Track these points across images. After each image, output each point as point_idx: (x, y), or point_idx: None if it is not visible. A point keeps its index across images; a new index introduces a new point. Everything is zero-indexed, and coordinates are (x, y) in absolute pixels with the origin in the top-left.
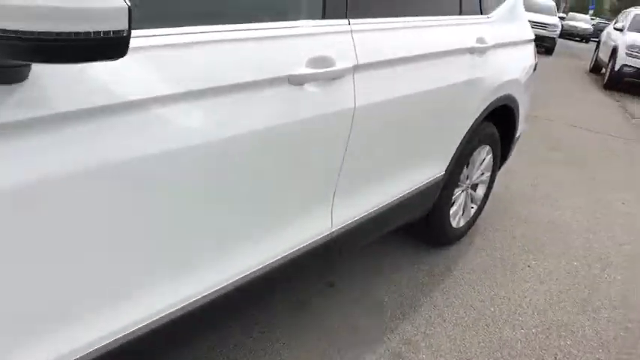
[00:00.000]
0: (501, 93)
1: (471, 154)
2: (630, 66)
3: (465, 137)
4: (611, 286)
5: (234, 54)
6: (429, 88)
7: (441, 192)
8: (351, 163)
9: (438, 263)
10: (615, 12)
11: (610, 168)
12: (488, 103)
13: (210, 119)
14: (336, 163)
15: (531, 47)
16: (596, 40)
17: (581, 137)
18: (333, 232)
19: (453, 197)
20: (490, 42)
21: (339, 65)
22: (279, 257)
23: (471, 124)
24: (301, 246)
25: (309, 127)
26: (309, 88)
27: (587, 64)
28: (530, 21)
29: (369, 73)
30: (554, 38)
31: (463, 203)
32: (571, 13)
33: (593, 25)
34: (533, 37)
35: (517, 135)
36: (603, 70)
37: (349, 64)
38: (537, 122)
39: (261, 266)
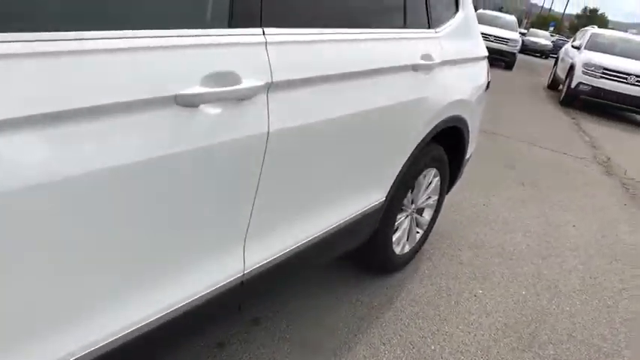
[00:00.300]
0: (449, 114)
1: (415, 177)
2: (586, 84)
3: (407, 161)
4: (558, 319)
5: (93, 68)
6: (362, 110)
7: (381, 219)
8: (266, 196)
9: (379, 293)
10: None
11: (563, 188)
12: (434, 125)
13: (65, 151)
14: (246, 196)
15: (484, 65)
16: (555, 56)
17: (537, 155)
18: (245, 274)
19: (396, 223)
20: (437, 59)
21: (247, 83)
22: (177, 306)
23: (414, 147)
24: (204, 293)
25: (207, 156)
26: (207, 110)
27: (546, 80)
28: (491, 35)
29: (287, 92)
30: (514, 53)
31: (407, 229)
32: (532, 29)
33: (552, 41)
34: (486, 54)
35: (467, 157)
36: (561, 86)
37: (261, 81)
38: (493, 138)
39: (156, 317)
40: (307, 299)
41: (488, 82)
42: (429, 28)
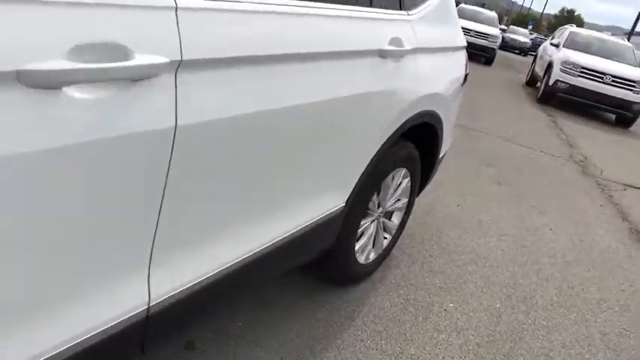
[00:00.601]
0: (421, 109)
1: (382, 179)
2: (564, 82)
3: (372, 162)
4: (535, 337)
5: None
6: (312, 101)
7: (341, 227)
8: (177, 208)
9: (339, 308)
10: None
11: (540, 188)
12: (403, 121)
13: None
14: (147, 209)
15: (462, 56)
16: (534, 53)
17: (514, 152)
18: (150, 306)
19: (360, 230)
20: (409, 45)
21: (142, 59)
22: (65, 347)
23: (379, 146)
24: (92, 333)
25: (73, 158)
26: (76, 93)
27: (524, 77)
28: (472, 30)
29: (204, 75)
30: (494, 49)
31: (373, 235)
32: (512, 27)
33: (531, 39)
34: (464, 43)
35: (441, 156)
36: (539, 83)
37: (164, 58)
38: (470, 134)
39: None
40: (256, 315)
41: (466, 75)
42: (400, 9)
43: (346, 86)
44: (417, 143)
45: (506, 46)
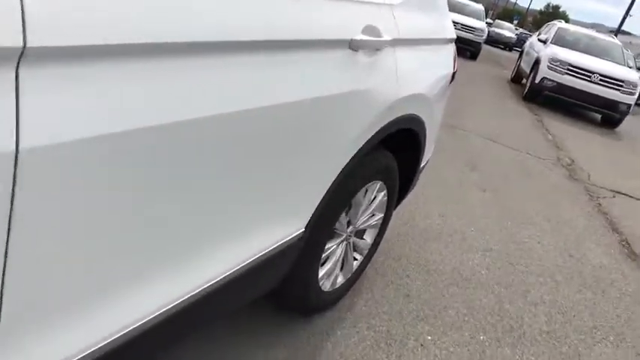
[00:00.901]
0: (401, 113)
1: (352, 195)
2: (550, 80)
3: (339, 178)
4: None
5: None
6: (255, 107)
7: (300, 254)
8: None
9: (298, 345)
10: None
11: (526, 195)
12: (379, 128)
13: None
14: None
15: (450, 50)
16: (519, 49)
17: (499, 154)
18: None
19: (325, 254)
20: (387, 35)
21: None
22: None
23: (348, 159)
24: None
25: None
26: None
27: (509, 72)
28: (458, 23)
29: (63, 69)
30: (480, 43)
31: (341, 258)
32: (497, 21)
33: (517, 34)
34: (454, 36)
35: (422, 165)
36: (524, 80)
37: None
38: (454, 133)
39: None
40: (198, 355)
41: (454, 73)
42: None
43: (304, 86)
44: (396, 151)
45: (491, 40)
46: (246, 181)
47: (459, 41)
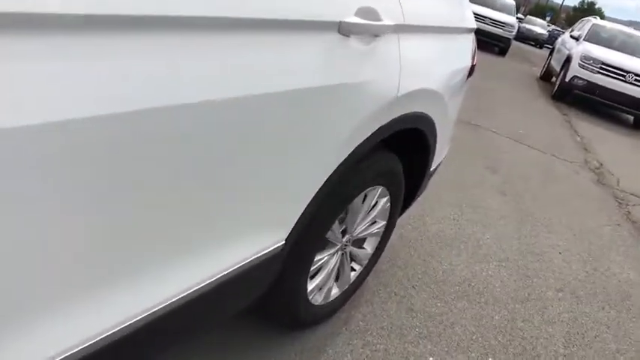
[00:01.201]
0: (404, 110)
1: (346, 202)
2: (582, 78)
3: (327, 184)
4: None
5: None
6: (222, 97)
7: (283, 267)
8: None
9: None
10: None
11: (549, 201)
12: (377, 128)
13: None
14: None
15: (469, 41)
16: (550, 46)
17: (523, 155)
18: None
19: (316, 266)
20: (389, 19)
21: None
22: None
23: (336, 163)
24: None
25: None
26: None
27: (539, 70)
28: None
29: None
30: (509, 39)
31: (335, 269)
32: (529, 17)
33: (548, 31)
34: (474, 26)
35: (432, 168)
36: (554, 78)
37: None
38: (476, 131)
39: None
40: None
41: (472, 67)
42: None
43: (280, 76)
44: (402, 152)
45: (522, 36)
46: (210, 188)
47: (487, 36)
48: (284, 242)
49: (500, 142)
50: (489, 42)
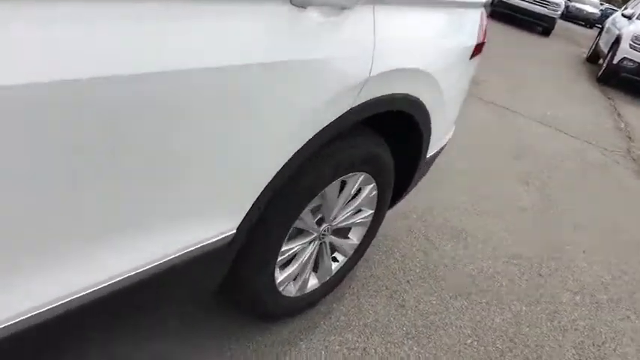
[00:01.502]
0: (382, 92)
1: (315, 189)
2: (632, 60)
3: (286, 168)
4: None
5: None
6: (155, 70)
7: (239, 258)
8: None
9: (249, 355)
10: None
11: (581, 193)
12: (346, 110)
13: None
14: None
15: (477, 17)
16: (601, 26)
17: (556, 142)
18: None
19: (286, 255)
20: None
21: None
22: None
23: (296, 146)
24: None
25: None
26: None
27: (586, 52)
28: None
29: None
30: (554, 18)
31: (311, 260)
32: None
33: (601, 10)
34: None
35: (432, 153)
36: (601, 60)
37: None
38: (507, 116)
39: None
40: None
41: (480, 45)
42: None
43: (219, 50)
44: (393, 137)
45: (570, 16)
46: (147, 169)
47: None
48: (235, 232)
49: (531, 127)
50: (532, 21)
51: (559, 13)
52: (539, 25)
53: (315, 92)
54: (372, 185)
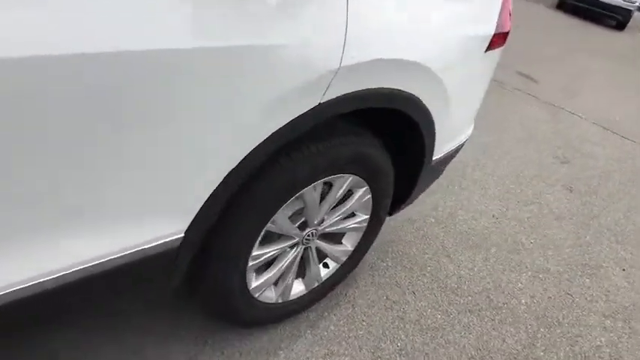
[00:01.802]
0: (360, 87)
1: (287, 190)
2: None
3: (240, 169)
4: None
5: None
6: (94, 52)
7: (198, 260)
8: None
9: None
10: None
11: (626, 204)
12: (313, 105)
13: None
14: None
15: (493, 2)
16: None
17: (611, 147)
18: None
19: (260, 260)
20: None
21: None
22: None
23: (251, 145)
24: None
25: None
26: None
27: None
28: None
29: None
30: (630, 11)
31: (294, 265)
32: None
33: None
34: None
35: (438, 157)
36: None
37: None
38: (558, 116)
39: None
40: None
41: (501, 35)
42: None
43: (149, 33)
44: (394, 137)
45: None
46: (70, 164)
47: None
48: (183, 235)
49: (584, 128)
50: (603, 13)
51: (637, 4)
52: (613, 18)
53: (269, 83)
54: (364, 189)
